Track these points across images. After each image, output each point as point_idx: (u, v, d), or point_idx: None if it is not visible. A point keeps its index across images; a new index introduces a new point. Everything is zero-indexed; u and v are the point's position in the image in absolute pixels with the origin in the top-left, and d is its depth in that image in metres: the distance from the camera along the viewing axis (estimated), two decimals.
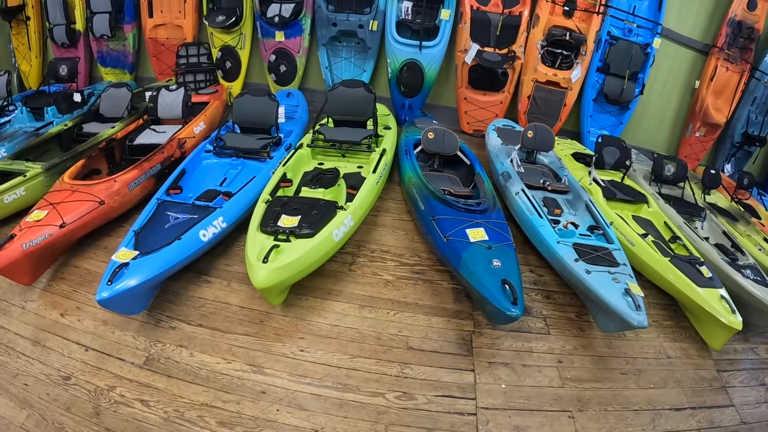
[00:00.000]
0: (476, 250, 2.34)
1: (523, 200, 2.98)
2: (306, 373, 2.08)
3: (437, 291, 2.59)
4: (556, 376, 2.21)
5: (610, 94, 4.44)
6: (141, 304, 2.26)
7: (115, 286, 2.01)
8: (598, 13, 4.28)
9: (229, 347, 2.17)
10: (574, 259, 2.49)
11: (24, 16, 5.25)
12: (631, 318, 2.17)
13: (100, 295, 1.99)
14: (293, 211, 2.52)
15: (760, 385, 2.59)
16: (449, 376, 2.14)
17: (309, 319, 2.35)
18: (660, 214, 3.47)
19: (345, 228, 2.47)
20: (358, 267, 2.70)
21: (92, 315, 2.29)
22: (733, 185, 4.25)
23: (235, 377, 2.02)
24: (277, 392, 1.98)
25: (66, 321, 2.27)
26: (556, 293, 2.70)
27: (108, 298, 1.99)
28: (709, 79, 4.52)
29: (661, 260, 2.82)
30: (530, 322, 2.47)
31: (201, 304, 2.39)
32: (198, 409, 1.88)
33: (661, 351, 2.53)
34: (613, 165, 3.85)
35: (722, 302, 2.57)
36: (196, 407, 1.89)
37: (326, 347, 2.21)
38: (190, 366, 2.06)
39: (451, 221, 2.56)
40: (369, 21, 4.33)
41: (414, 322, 2.39)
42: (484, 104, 4.51)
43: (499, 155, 3.65)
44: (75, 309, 2.34)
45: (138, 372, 2.02)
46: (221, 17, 4.67)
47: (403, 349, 2.24)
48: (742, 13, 4.40)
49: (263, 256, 2.10)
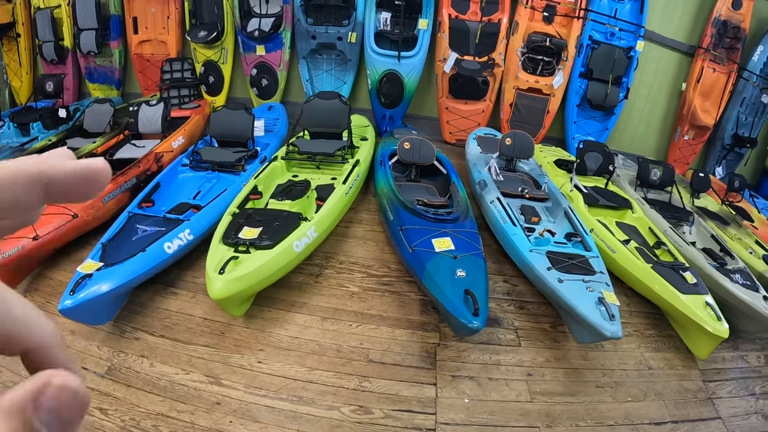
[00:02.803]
0: (441, 260, 2.26)
1: (497, 208, 2.91)
2: (262, 385, 2.08)
3: (404, 302, 2.52)
4: (524, 389, 2.11)
5: (593, 100, 4.37)
6: (107, 314, 2.28)
7: (77, 297, 2.06)
8: (578, 18, 4.24)
9: (188, 358, 2.18)
10: (547, 268, 2.41)
11: (14, 33, 5.35)
12: (604, 328, 2.07)
13: (62, 304, 2.03)
14: (256, 223, 2.51)
15: (750, 395, 2.46)
16: (409, 390, 2.07)
17: (270, 330, 2.34)
18: (644, 219, 3.38)
19: (307, 239, 2.43)
20: (325, 278, 2.65)
21: (61, 325, 2.30)
22: (724, 188, 4.14)
23: (192, 388, 2.03)
24: (232, 403, 1.98)
25: None
26: (531, 303, 2.60)
27: (69, 307, 2.03)
28: (695, 81, 4.44)
29: (642, 267, 2.72)
30: (500, 333, 2.38)
31: (165, 316, 2.41)
32: (153, 418, 1.90)
33: (642, 362, 2.42)
34: (596, 171, 3.77)
35: (707, 309, 2.46)
36: (152, 417, 1.91)
37: (285, 359, 2.20)
38: (150, 376, 2.08)
39: (418, 231, 2.50)
40: (348, 33, 4.33)
41: (377, 335, 2.33)
42: (465, 113, 4.46)
43: (477, 164, 3.59)
44: None
45: (99, 381, 2.04)
46: (203, 32, 4.70)
47: (363, 362, 2.19)
48: (726, 12, 4.33)
49: (220, 268, 2.11)
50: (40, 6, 5.22)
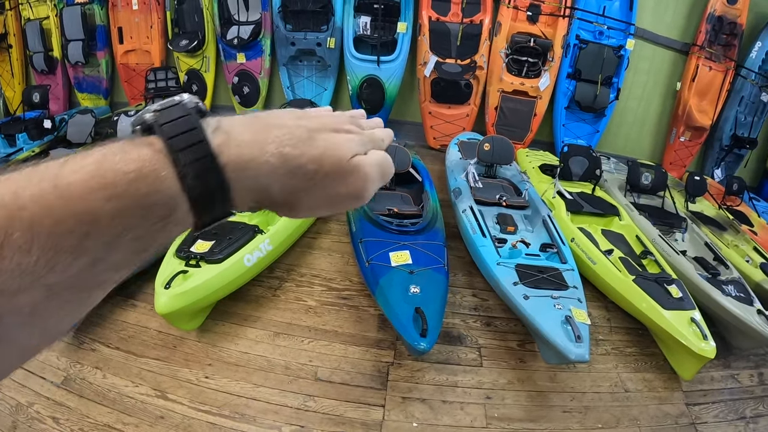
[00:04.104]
0: (395, 275, 2.14)
1: (468, 218, 2.76)
2: (206, 400, 2.04)
3: (361, 318, 2.40)
4: (480, 414, 1.96)
5: (582, 101, 4.19)
6: None
7: None
8: (564, 17, 4.08)
9: (139, 371, 2.17)
10: (513, 283, 2.26)
11: (6, 44, 5.40)
12: (569, 351, 1.92)
13: None
14: (211, 235, 2.42)
15: (740, 419, 2.28)
16: (354, 412, 1.97)
17: (221, 345, 2.28)
18: (632, 227, 3.20)
19: (260, 253, 2.34)
20: (283, 292, 2.56)
21: None
22: (722, 191, 3.93)
23: (139, 401, 2.03)
24: (175, 418, 1.96)
25: None
26: (499, 320, 2.45)
27: None
28: (690, 80, 4.24)
29: (622, 279, 2.56)
30: (461, 352, 2.23)
31: (122, 327, 2.40)
32: (100, 429, 1.92)
33: (618, 383, 2.25)
34: (582, 176, 3.60)
35: (692, 327, 2.28)
36: (99, 428, 1.92)
37: (232, 375, 2.14)
38: (101, 387, 2.09)
39: (378, 243, 2.37)
40: (326, 38, 4.24)
41: (328, 352, 2.24)
42: (449, 118, 4.32)
43: (454, 170, 3.45)
44: None
45: (55, 391, 2.07)
46: (184, 41, 4.67)
47: (311, 380, 2.11)
48: (721, 7, 4.13)
49: (167, 282, 2.07)
50: (30, 17, 5.27)
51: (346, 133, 0.38)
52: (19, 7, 5.24)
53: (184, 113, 0.32)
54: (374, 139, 0.41)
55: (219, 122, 0.33)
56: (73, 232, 0.26)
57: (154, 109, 0.32)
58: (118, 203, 0.27)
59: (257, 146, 0.33)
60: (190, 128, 0.31)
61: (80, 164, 0.28)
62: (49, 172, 0.27)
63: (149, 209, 0.29)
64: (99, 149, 0.29)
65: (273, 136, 0.34)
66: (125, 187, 0.28)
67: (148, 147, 0.30)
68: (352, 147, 0.37)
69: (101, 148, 0.29)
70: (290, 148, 0.34)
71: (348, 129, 0.39)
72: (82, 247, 0.27)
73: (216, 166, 0.31)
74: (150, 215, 0.29)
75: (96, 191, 0.27)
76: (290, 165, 0.34)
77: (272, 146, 0.33)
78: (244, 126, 0.34)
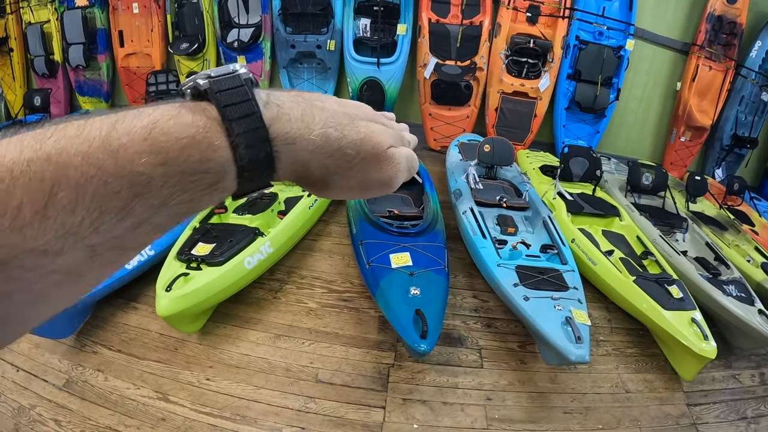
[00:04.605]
0: (396, 277, 2.14)
1: (468, 219, 2.76)
2: (207, 402, 2.04)
3: (362, 320, 2.40)
4: (481, 415, 1.96)
5: (582, 102, 4.19)
6: (69, 328, 2.29)
7: None
8: (563, 17, 4.09)
9: (141, 373, 2.17)
10: (513, 284, 2.26)
11: (7, 47, 5.42)
12: (569, 351, 1.92)
13: None
14: (212, 238, 2.43)
15: (741, 419, 2.27)
16: (355, 413, 1.97)
17: (222, 347, 2.28)
18: (633, 227, 3.20)
19: (261, 256, 2.34)
20: (284, 294, 2.56)
21: (28, 338, 2.34)
22: (723, 191, 3.93)
23: (141, 403, 2.04)
24: (176, 420, 1.97)
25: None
26: (499, 321, 2.45)
27: None
28: (690, 80, 4.24)
29: (623, 280, 2.55)
30: (462, 353, 2.23)
31: (124, 330, 2.40)
32: (102, 431, 1.93)
33: (619, 384, 2.25)
34: (582, 176, 3.60)
35: (692, 327, 2.28)
36: (100, 429, 1.94)
37: (233, 377, 2.14)
38: (103, 390, 2.10)
39: (378, 245, 2.37)
40: (326, 41, 4.25)
41: (329, 353, 2.24)
42: (449, 119, 4.33)
43: (455, 172, 3.45)
44: None
45: (57, 393, 2.08)
46: (185, 44, 4.68)
47: (312, 382, 2.11)
48: (721, 7, 4.12)
49: (168, 284, 2.08)
50: (31, 21, 5.29)
51: (383, 125, 0.40)
52: (20, 11, 5.25)
53: (239, 84, 0.32)
54: (404, 138, 0.44)
55: (269, 96, 0.34)
56: (120, 194, 0.26)
57: (208, 75, 0.32)
58: (169, 169, 0.28)
59: (304, 124, 0.34)
60: (244, 99, 0.31)
61: (132, 125, 0.27)
62: (99, 132, 0.26)
63: (199, 176, 0.29)
64: (151, 111, 0.29)
65: (319, 117, 0.35)
66: (177, 153, 0.28)
67: (202, 113, 0.30)
68: (388, 138, 0.39)
69: (153, 110, 0.29)
70: (333, 130, 0.35)
71: (383, 122, 0.41)
72: (129, 209, 0.27)
73: (267, 138, 0.32)
74: (199, 182, 0.29)
75: (148, 155, 0.27)
76: (332, 146, 0.35)
77: (318, 125, 0.35)
78: (293, 102, 0.35)
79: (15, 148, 0.24)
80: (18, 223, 0.23)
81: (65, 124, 0.27)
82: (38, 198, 0.24)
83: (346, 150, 0.36)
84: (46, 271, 0.25)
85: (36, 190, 0.24)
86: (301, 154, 0.34)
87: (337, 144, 0.36)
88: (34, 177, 0.24)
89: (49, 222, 0.24)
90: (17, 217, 0.23)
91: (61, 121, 0.27)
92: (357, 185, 0.39)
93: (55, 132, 0.26)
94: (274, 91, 0.35)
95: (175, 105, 0.30)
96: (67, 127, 0.26)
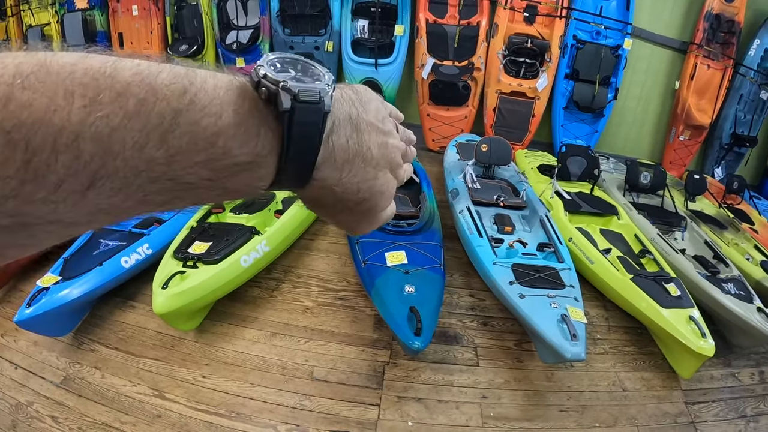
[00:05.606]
0: (391, 275, 2.14)
1: (465, 218, 2.76)
2: (203, 399, 2.05)
3: (358, 318, 2.40)
4: (476, 413, 1.96)
5: (580, 101, 4.19)
6: (66, 326, 2.31)
7: (32, 309, 2.10)
8: (560, 17, 4.09)
9: (137, 371, 2.18)
10: (509, 282, 2.25)
11: None
12: (564, 349, 1.91)
13: (17, 316, 2.06)
14: (209, 237, 2.45)
15: (740, 417, 2.25)
16: (350, 411, 1.97)
17: (218, 345, 2.29)
18: (631, 226, 3.19)
19: (257, 254, 2.35)
20: (281, 292, 2.57)
21: (27, 336, 2.36)
22: (722, 190, 3.91)
23: (137, 400, 2.06)
24: (172, 417, 1.98)
25: (4, 341, 2.37)
26: (496, 319, 2.44)
27: (24, 319, 2.06)
28: (689, 79, 4.23)
29: (620, 278, 2.54)
30: (458, 351, 2.23)
31: (121, 328, 2.42)
32: (98, 428, 1.95)
33: (616, 383, 2.24)
34: (580, 176, 3.59)
35: (690, 325, 2.27)
36: (97, 426, 1.95)
37: (228, 374, 2.15)
38: (100, 387, 2.12)
39: (374, 244, 2.38)
40: (324, 42, 4.26)
41: (324, 351, 2.24)
42: (448, 120, 4.33)
43: (452, 171, 3.45)
44: (14, 330, 2.40)
45: (54, 390, 2.10)
46: (184, 46, 4.70)
47: (307, 380, 2.11)
48: (719, 6, 4.12)
49: (164, 282, 2.11)
50: (32, 24, 5.32)
51: (398, 167, 0.42)
52: (21, 14, 5.28)
53: (316, 120, 0.32)
54: (407, 154, 0.45)
55: (334, 124, 0.34)
56: (162, 193, 0.28)
57: (294, 94, 0.30)
58: (215, 174, 0.29)
59: (338, 172, 0.35)
60: (312, 134, 0.32)
61: (196, 120, 0.28)
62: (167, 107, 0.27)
63: (240, 185, 0.31)
64: (218, 104, 0.29)
65: (356, 170, 0.36)
66: (231, 169, 0.30)
67: (267, 128, 0.31)
68: (392, 190, 0.42)
69: (220, 103, 0.29)
70: (357, 183, 0.37)
71: (399, 162, 0.42)
72: (170, 204, 0.29)
73: (309, 178, 0.33)
74: (236, 189, 0.31)
75: (202, 162, 0.28)
76: (346, 194, 0.37)
77: (348, 176, 0.36)
78: (346, 138, 0.35)
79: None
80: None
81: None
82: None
83: (352, 199, 0.38)
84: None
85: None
86: (319, 192, 0.36)
87: (353, 195, 0.37)
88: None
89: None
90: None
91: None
92: (344, 222, 0.42)
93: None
94: (339, 118, 0.35)
95: (244, 110, 0.30)
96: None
